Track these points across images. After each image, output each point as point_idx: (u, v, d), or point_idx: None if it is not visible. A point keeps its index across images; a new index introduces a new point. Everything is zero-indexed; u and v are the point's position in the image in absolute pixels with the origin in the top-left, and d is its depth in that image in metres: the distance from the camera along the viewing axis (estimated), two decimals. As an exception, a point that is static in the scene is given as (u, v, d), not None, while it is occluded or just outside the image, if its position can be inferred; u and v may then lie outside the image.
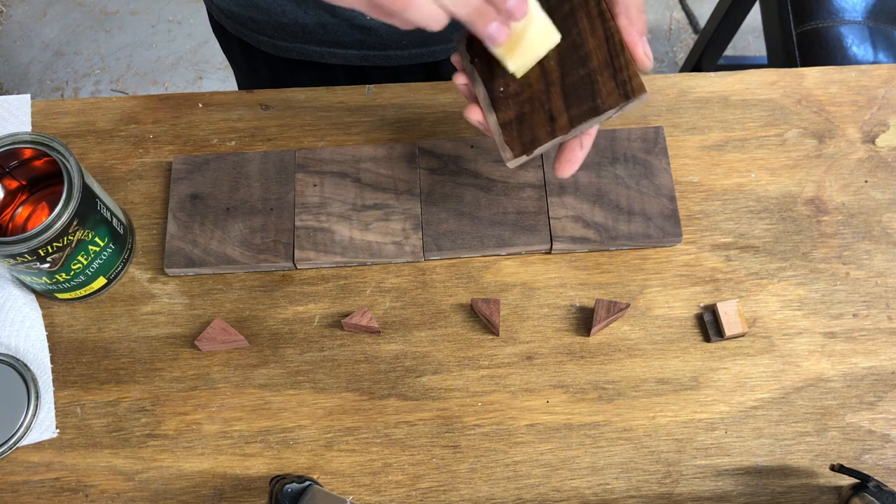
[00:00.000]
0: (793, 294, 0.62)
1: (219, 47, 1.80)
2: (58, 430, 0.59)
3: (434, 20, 0.46)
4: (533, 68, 0.52)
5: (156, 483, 0.58)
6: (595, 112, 0.50)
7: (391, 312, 0.62)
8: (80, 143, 0.68)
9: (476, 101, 0.54)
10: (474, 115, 0.54)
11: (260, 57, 0.80)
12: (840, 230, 0.64)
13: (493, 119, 0.53)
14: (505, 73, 0.52)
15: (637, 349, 0.61)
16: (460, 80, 0.54)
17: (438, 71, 0.81)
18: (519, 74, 0.52)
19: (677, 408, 0.59)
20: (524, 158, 0.52)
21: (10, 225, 0.62)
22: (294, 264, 0.63)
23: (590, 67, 0.51)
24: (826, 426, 0.58)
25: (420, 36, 0.73)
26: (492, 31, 0.47)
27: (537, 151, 0.52)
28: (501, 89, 0.53)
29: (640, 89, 0.49)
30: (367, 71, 0.79)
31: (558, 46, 0.52)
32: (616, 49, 0.50)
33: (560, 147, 0.54)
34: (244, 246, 0.63)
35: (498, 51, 0.50)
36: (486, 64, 0.53)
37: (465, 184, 0.64)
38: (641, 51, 0.50)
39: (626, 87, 0.49)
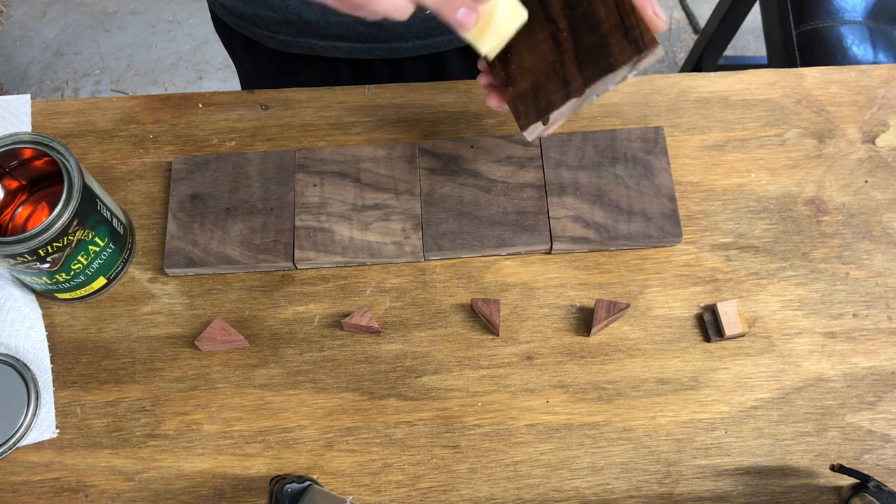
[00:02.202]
0: (793, 294, 0.62)
1: (219, 48, 1.80)
2: (58, 430, 0.59)
3: (399, 9, 0.46)
4: (546, 41, 0.52)
5: (156, 483, 0.58)
6: (609, 69, 0.50)
7: (391, 312, 0.62)
8: (80, 143, 0.68)
9: (495, 90, 0.55)
10: (493, 102, 0.55)
11: (263, 52, 0.80)
12: (840, 230, 0.64)
13: (508, 94, 0.54)
14: (518, 48, 0.52)
15: (637, 349, 0.61)
16: (483, 80, 0.55)
17: (442, 62, 0.81)
18: (491, 56, 0.53)
19: (677, 408, 0.59)
20: (541, 127, 0.52)
21: (10, 225, 0.62)
22: (294, 264, 0.63)
23: (601, 32, 0.51)
24: (826, 426, 0.58)
25: (424, 27, 0.74)
26: (460, 17, 0.47)
27: (553, 116, 0.52)
28: (514, 66, 0.53)
29: (652, 42, 0.48)
30: (371, 64, 0.79)
31: (570, 17, 0.52)
32: (626, 11, 0.50)
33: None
34: (244, 246, 0.63)
35: (468, 35, 0.50)
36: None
37: (465, 184, 0.64)
38: (651, 11, 0.49)
39: (639, 42, 0.49)
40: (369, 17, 0.47)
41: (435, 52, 0.79)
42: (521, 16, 0.51)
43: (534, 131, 0.53)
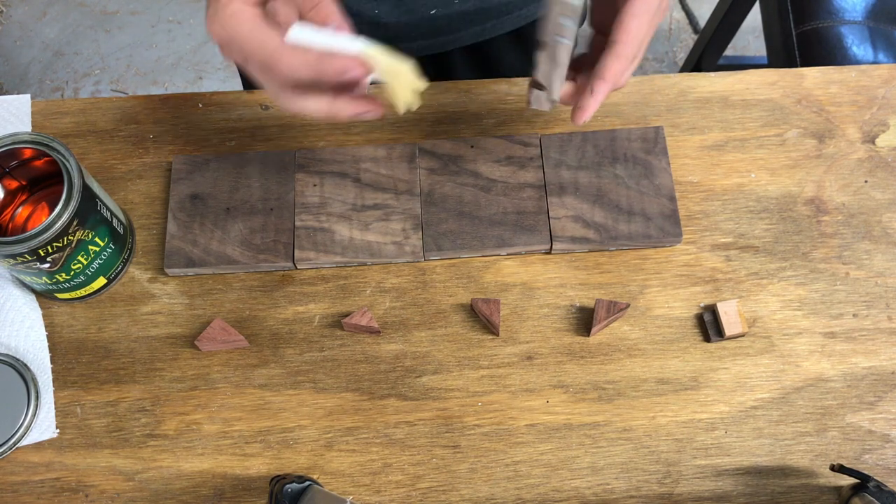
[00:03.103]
0: (793, 294, 0.62)
1: (219, 47, 1.80)
2: (58, 430, 0.59)
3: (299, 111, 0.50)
4: None
5: (156, 483, 0.58)
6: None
7: (391, 312, 0.62)
8: (80, 143, 0.68)
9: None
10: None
11: None
12: (840, 230, 0.64)
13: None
14: None
15: (637, 349, 0.61)
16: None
17: (447, 61, 0.81)
18: (413, 108, 0.53)
19: (677, 408, 0.59)
20: (537, 93, 0.54)
21: (10, 225, 0.62)
22: (294, 264, 0.63)
23: None
24: (826, 426, 0.58)
25: (429, 27, 0.74)
26: (360, 115, 0.50)
27: (540, 77, 0.52)
28: None
29: None
30: None
31: None
32: None
33: (573, 94, 0.54)
34: (244, 246, 0.63)
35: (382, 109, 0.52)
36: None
37: (465, 184, 0.64)
38: (588, 90, 0.51)
39: None
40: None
41: (440, 52, 0.79)
42: (404, 69, 0.51)
43: (537, 99, 0.53)
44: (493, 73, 0.81)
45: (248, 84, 0.91)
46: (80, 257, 0.58)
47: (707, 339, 0.61)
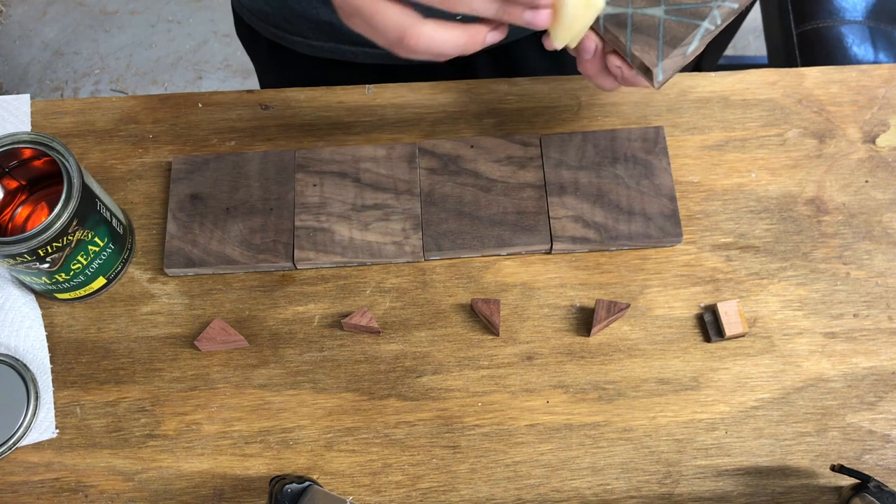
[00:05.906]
0: (793, 294, 0.62)
1: (219, 47, 1.80)
2: (57, 431, 0.59)
3: (450, 46, 0.46)
4: None
5: (155, 483, 0.58)
6: None
7: (391, 312, 0.62)
8: (80, 143, 0.68)
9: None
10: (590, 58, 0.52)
11: (292, 58, 0.80)
12: (840, 230, 0.64)
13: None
14: None
15: (637, 349, 0.61)
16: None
17: (471, 66, 0.80)
18: (572, 46, 0.50)
19: (677, 408, 0.59)
20: (669, 62, 0.50)
21: (10, 225, 0.62)
22: (294, 264, 0.62)
23: None
24: (826, 426, 0.58)
25: None
26: (528, 19, 0.46)
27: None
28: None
29: None
30: (398, 69, 0.79)
31: None
32: None
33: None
34: (244, 246, 0.63)
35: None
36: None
37: (465, 184, 0.64)
38: None
39: None
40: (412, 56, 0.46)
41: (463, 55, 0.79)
42: (596, 5, 0.47)
43: (668, 69, 0.49)
44: (516, 75, 0.81)
45: (271, 87, 0.91)
46: (79, 257, 0.58)
47: (707, 339, 0.61)
